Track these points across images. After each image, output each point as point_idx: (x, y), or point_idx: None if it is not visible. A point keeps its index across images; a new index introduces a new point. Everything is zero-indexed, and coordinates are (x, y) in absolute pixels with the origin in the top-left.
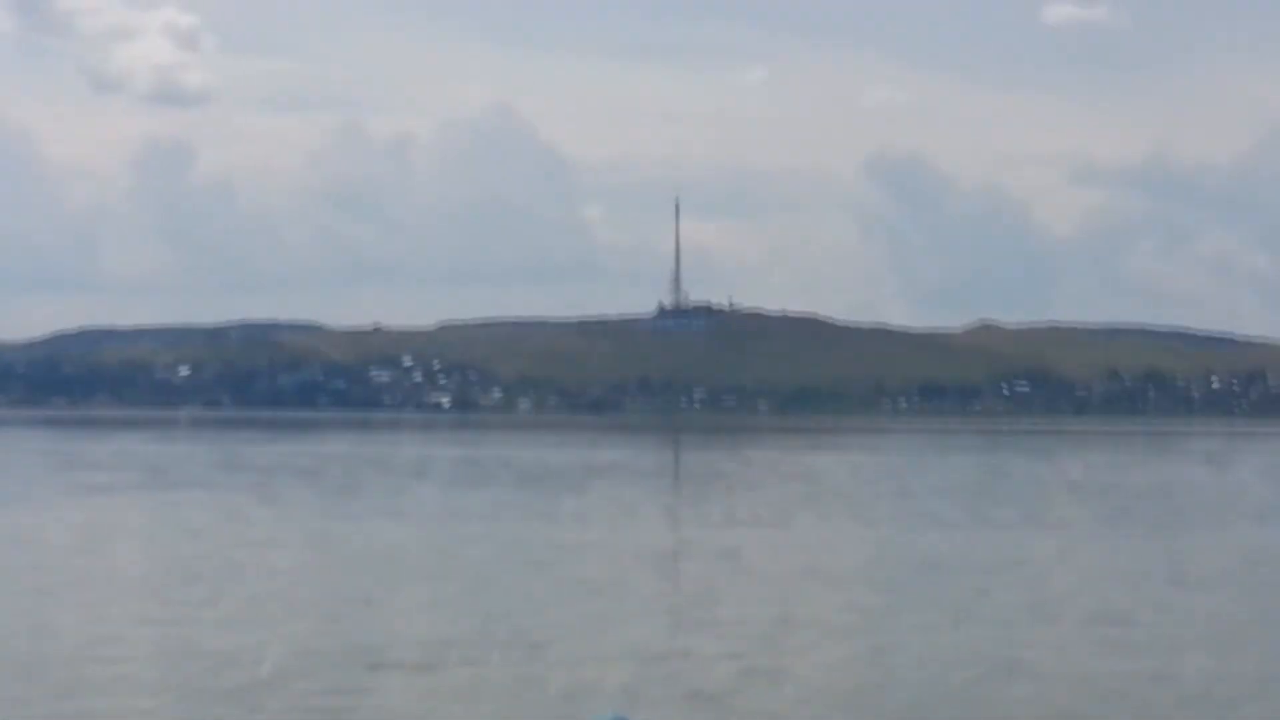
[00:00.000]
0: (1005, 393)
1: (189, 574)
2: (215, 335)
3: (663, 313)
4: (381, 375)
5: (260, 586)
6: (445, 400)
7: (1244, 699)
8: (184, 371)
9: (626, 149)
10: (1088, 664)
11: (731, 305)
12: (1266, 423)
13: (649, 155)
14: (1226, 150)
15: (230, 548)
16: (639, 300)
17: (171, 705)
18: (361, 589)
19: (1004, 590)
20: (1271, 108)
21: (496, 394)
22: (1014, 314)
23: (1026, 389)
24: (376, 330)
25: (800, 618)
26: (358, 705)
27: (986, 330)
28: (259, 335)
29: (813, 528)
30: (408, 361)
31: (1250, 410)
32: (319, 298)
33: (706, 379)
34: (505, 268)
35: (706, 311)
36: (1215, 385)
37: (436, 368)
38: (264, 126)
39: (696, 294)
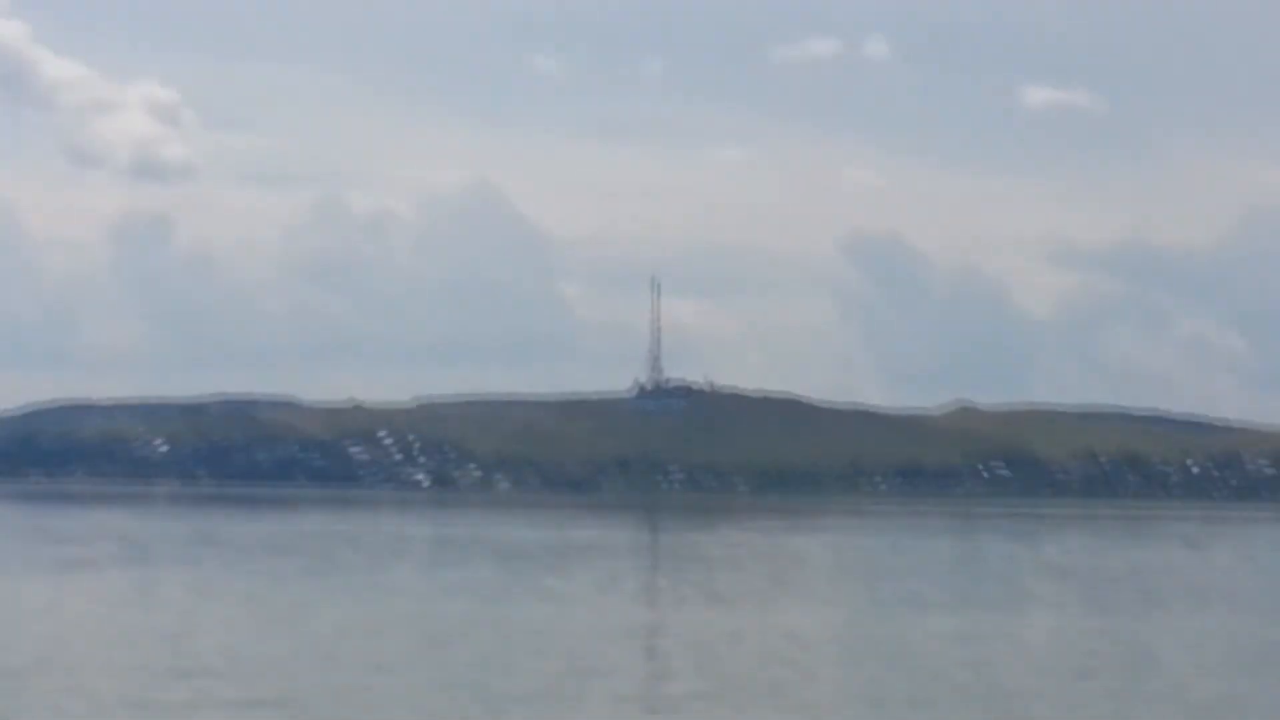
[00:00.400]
0: (984, 475)
1: (159, 656)
2: (192, 410)
3: (642, 393)
4: (359, 452)
5: (228, 668)
6: (423, 478)
7: None
8: (161, 446)
9: (605, 227)
10: None
11: (711, 386)
12: (1244, 507)
13: (627, 233)
14: (1204, 233)
15: (200, 627)
16: (617, 376)
17: None
18: (336, 667)
19: (973, 674)
20: (1248, 192)
21: (474, 472)
22: (992, 394)
23: (1005, 472)
24: (355, 407)
25: (776, 699)
26: None
27: (964, 413)
28: (237, 411)
29: (789, 609)
30: (385, 438)
31: (1228, 494)
32: (297, 373)
33: (684, 459)
34: (484, 345)
35: (685, 392)
36: (1194, 469)
37: (414, 445)
38: (244, 201)
39: (674, 370)
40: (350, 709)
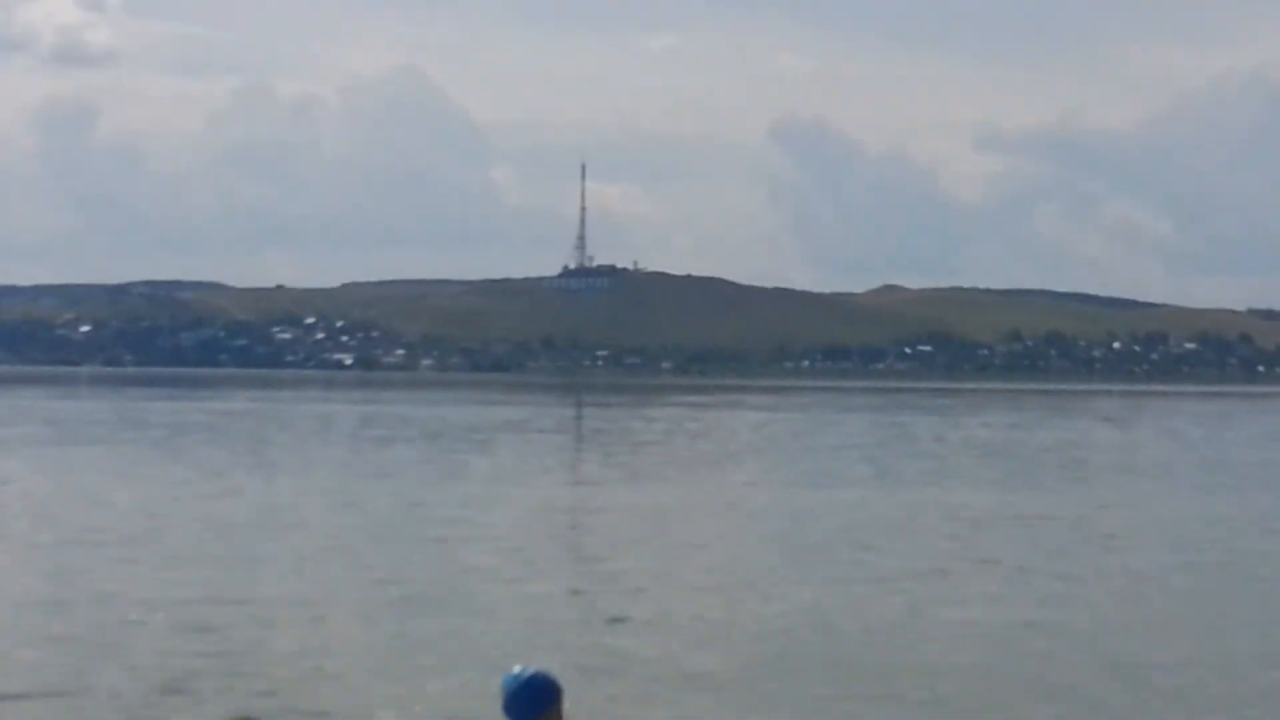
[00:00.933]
0: (908, 354)
1: (72, 528)
2: (117, 293)
3: (566, 273)
4: (284, 334)
5: (146, 541)
6: (348, 359)
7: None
8: (85, 329)
9: (534, 112)
10: (988, 616)
11: (636, 266)
12: (1166, 383)
13: (556, 119)
14: (1131, 118)
15: (119, 505)
16: (545, 262)
17: (39, 656)
18: (251, 544)
19: (889, 549)
20: (1178, 76)
21: (399, 353)
22: (918, 278)
23: (929, 350)
24: (279, 289)
25: (698, 574)
26: (243, 658)
27: (890, 292)
28: (162, 294)
29: (712, 484)
30: (311, 321)
31: (1151, 372)
32: (223, 258)
33: (610, 339)
34: (410, 229)
35: (610, 271)
36: (1117, 347)
37: (339, 326)
38: (169, 87)
39: (602, 256)
40: (256, 573)
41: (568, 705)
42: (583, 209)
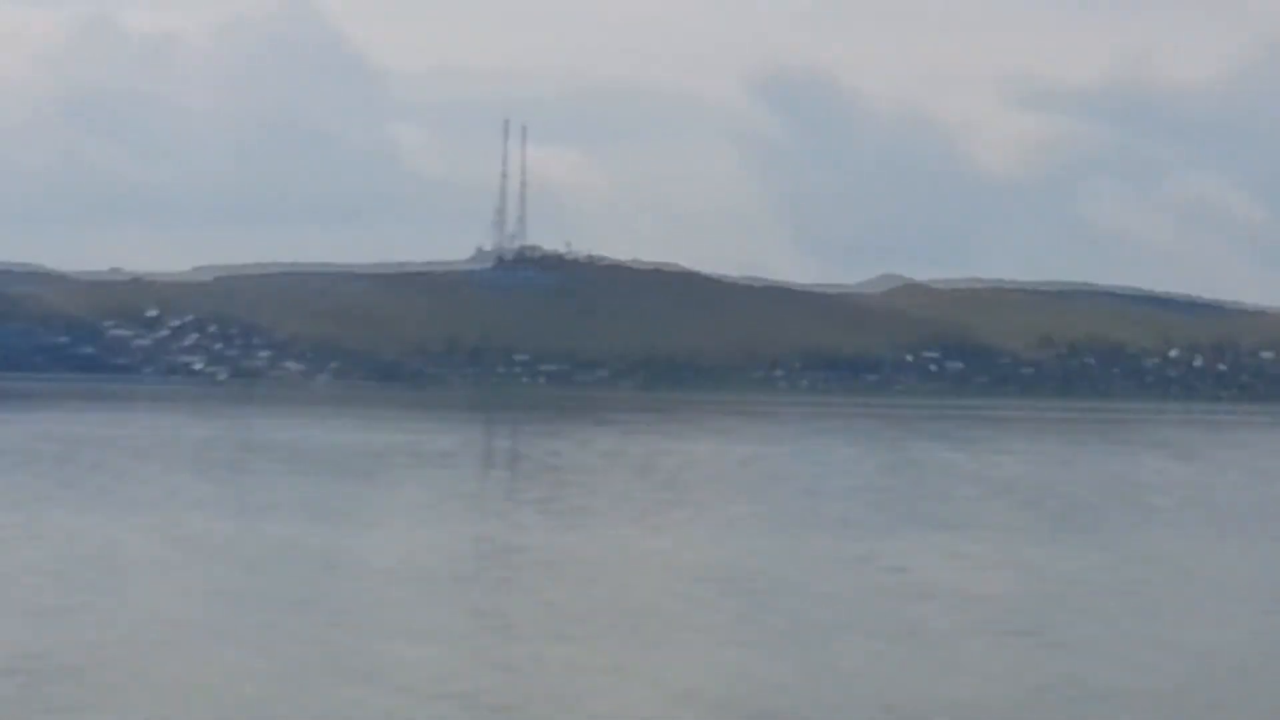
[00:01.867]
0: (919, 365)
1: None
2: None
3: (498, 264)
4: (126, 333)
5: None
6: (209, 366)
7: None
8: None
9: (449, 56)
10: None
11: (585, 256)
12: (1241, 403)
13: (477, 65)
14: (1209, 70)
15: None
16: (462, 244)
17: None
18: (72, 596)
19: (890, 612)
20: (1266, 16)
21: (278, 360)
22: (934, 270)
23: (945, 361)
24: (120, 276)
25: (632, 652)
26: None
27: (900, 290)
28: None
29: (667, 534)
30: (163, 319)
31: (1222, 389)
32: (48, 236)
33: (546, 345)
34: (291, 203)
35: (555, 262)
36: (1181, 359)
37: (198, 325)
38: None
39: (536, 237)
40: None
41: None
42: (512, 179)
